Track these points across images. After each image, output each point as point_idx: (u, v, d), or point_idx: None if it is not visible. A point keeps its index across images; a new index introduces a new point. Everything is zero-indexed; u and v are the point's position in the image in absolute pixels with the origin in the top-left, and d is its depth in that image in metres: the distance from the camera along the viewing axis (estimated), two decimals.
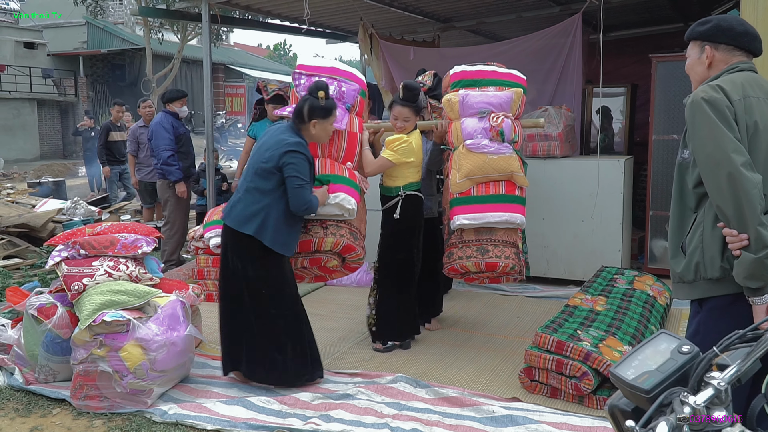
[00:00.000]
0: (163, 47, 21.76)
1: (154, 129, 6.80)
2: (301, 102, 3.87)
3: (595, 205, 5.78)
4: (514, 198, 4.28)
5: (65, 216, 7.79)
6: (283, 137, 3.78)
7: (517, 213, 4.26)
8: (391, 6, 7.60)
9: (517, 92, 4.33)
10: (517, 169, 4.25)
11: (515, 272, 4.30)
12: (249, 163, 3.86)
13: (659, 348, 1.45)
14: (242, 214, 3.71)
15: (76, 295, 3.73)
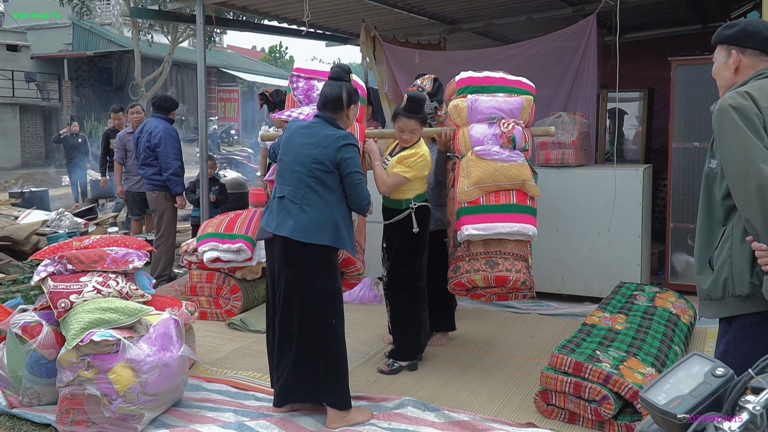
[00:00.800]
0: (153, 49, 21.85)
1: (163, 137, 6.81)
2: (334, 89, 3.70)
3: (612, 216, 5.78)
4: (526, 208, 4.29)
5: (50, 228, 7.79)
6: (327, 132, 3.62)
7: (530, 224, 4.26)
8: (395, 7, 7.63)
9: (528, 99, 4.36)
10: (529, 178, 4.26)
11: (525, 288, 4.29)
12: (285, 166, 3.66)
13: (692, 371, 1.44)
14: (310, 224, 3.50)
15: (63, 312, 3.72)
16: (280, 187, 3.66)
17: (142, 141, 6.93)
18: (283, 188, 3.62)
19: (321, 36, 9.48)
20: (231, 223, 5.79)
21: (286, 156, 3.67)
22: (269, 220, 3.62)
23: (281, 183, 3.66)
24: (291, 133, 3.73)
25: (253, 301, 5.89)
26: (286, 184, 3.62)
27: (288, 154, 3.66)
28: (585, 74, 6.86)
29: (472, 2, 7.57)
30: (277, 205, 3.62)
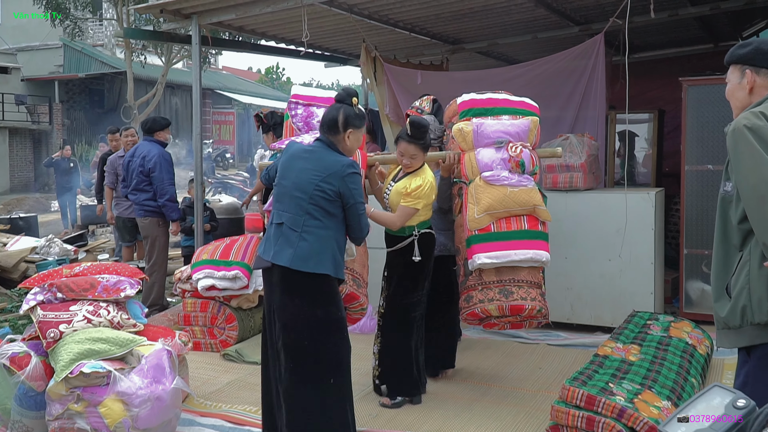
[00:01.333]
0: (146, 71, 22.02)
1: (158, 161, 6.80)
2: (332, 111, 3.70)
3: (623, 242, 5.77)
4: (538, 234, 4.30)
5: (39, 255, 7.79)
6: (331, 158, 3.59)
7: (543, 250, 4.29)
8: (396, 27, 7.70)
9: (534, 121, 4.39)
10: (540, 203, 4.29)
11: (541, 315, 4.31)
12: (284, 191, 3.61)
13: (712, 403, 1.44)
14: (311, 252, 3.46)
15: (52, 343, 3.70)
16: (278, 213, 3.61)
17: (134, 165, 6.91)
18: (281, 214, 3.58)
19: (320, 57, 9.56)
20: (227, 250, 5.78)
21: (285, 180, 3.63)
22: (266, 247, 3.58)
23: (279, 208, 3.61)
24: (290, 156, 3.69)
25: (250, 330, 5.86)
26: (285, 210, 3.57)
27: (287, 179, 3.62)
28: (593, 95, 6.90)
29: (475, 22, 7.64)
30: (274, 232, 3.57)
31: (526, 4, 6.84)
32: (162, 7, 7.03)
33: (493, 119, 4.41)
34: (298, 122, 4.57)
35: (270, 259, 3.53)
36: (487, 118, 4.41)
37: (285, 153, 3.76)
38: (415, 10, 7.12)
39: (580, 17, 7.57)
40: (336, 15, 7.07)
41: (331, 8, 6.73)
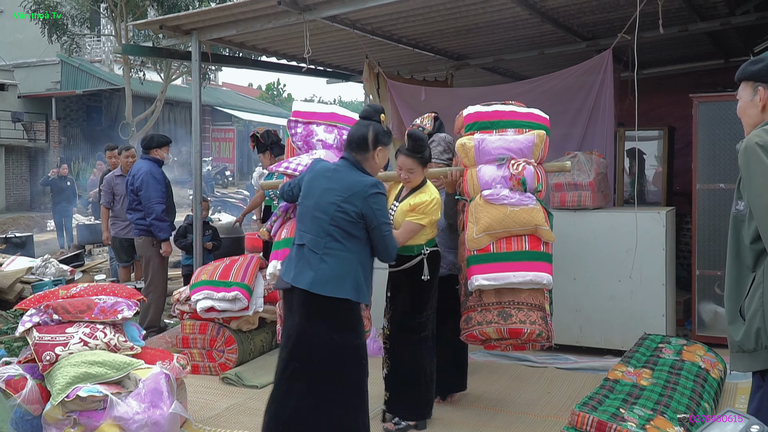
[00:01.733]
0: (145, 87, 22.15)
1: (145, 179, 6.81)
2: (360, 128, 3.71)
3: (633, 262, 5.76)
4: (540, 255, 4.26)
5: (34, 276, 7.80)
6: (353, 178, 3.60)
7: (544, 272, 4.24)
8: (400, 42, 7.76)
9: (540, 135, 4.34)
10: (542, 222, 4.24)
11: (542, 338, 4.27)
12: (306, 211, 3.63)
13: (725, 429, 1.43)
14: (331, 275, 3.46)
15: (48, 366, 3.71)
16: (300, 233, 3.63)
17: (128, 184, 7.05)
18: (303, 235, 3.59)
19: (322, 73, 9.61)
20: (226, 270, 5.79)
21: (308, 200, 3.64)
22: (287, 269, 3.60)
23: (301, 229, 3.63)
24: (314, 175, 3.71)
25: (249, 353, 5.85)
26: (306, 231, 3.58)
27: (309, 198, 3.63)
28: (601, 112, 6.93)
29: (480, 37, 7.69)
30: (296, 254, 3.59)
31: (533, 20, 6.89)
32: (161, 22, 7.11)
33: (497, 134, 4.40)
34: (298, 141, 4.58)
35: (290, 280, 3.54)
36: (491, 133, 4.40)
37: (310, 171, 3.80)
38: (419, 25, 7.18)
39: (587, 33, 7.62)
40: (338, 31, 7.13)
41: (333, 24, 6.78)
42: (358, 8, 6.20)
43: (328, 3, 6.26)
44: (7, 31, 25.64)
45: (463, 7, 6.51)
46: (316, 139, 4.52)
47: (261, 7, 6.47)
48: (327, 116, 4.64)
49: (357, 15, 6.71)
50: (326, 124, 4.55)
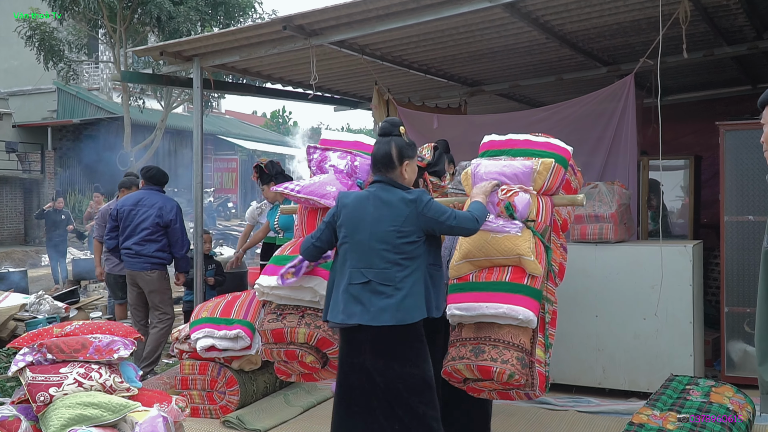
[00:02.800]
0: (144, 116, 22.37)
1: (178, 213, 7.01)
2: (382, 146, 3.77)
3: (659, 299, 5.74)
4: (520, 287, 4.03)
5: (28, 313, 7.84)
6: (398, 196, 3.65)
7: (521, 306, 3.96)
8: (410, 68, 7.85)
9: (545, 163, 4.24)
10: (526, 252, 4.04)
11: (516, 382, 3.96)
12: (359, 247, 3.66)
13: None
14: (408, 304, 3.54)
15: (42, 407, 3.73)
16: (358, 271, 3.62)
17: (143, 215, 6.93)
18: (365, 272, 3.60)
19: (329, 100, 9.72)
20: (228, 307, 5.78)
21: (359, 234, 3.66)
22: (347, 308, 3.59)
23: (359, 266, 3.63)
24: (352, 208, 3.74)
25: (252, 395, 5.84)
26: (369, 267, 3.60)
27: (360, 232, 3.65)
28: (623, 140, 6.94)
29: (495, 62, 7.77)
30: (358, 292, 3.59)
31: (550, 44, 6.97)
32: (162, 48, 7.22)
33: (490, 160, 4.38)
34: (312, 166, 4.78)
35: (359, 321, 3.55)
36: (485, 159, 4.39)
37: (342, 207, 3.81)
38: (430, 50, 7.26)
39: (608, 57, 7.69)
40: (346, 56, 7.23)
41: (341, 49, 6.88)
42: (367, 33, 6.28)
43: (336, 27, 6.35)
44: (2, 58, 26.03)
45: (477, 31, 6.59)
46: (328, 165, 4.68)
47: (265, 32, 6.57)
48: (350, 144, 4.78)
49: (366, 40, 6.80)
50: (342, 151, 4.66)
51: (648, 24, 6.36)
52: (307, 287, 4.22)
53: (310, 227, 4.61)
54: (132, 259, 6.96)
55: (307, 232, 4.65)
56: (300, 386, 6.19)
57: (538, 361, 4.07)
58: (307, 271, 4.21)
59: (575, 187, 4.82)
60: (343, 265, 3.70)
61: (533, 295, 4.02)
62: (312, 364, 4.28)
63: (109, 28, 18.41)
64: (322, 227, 3.90)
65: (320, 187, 4.52)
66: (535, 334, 4.10)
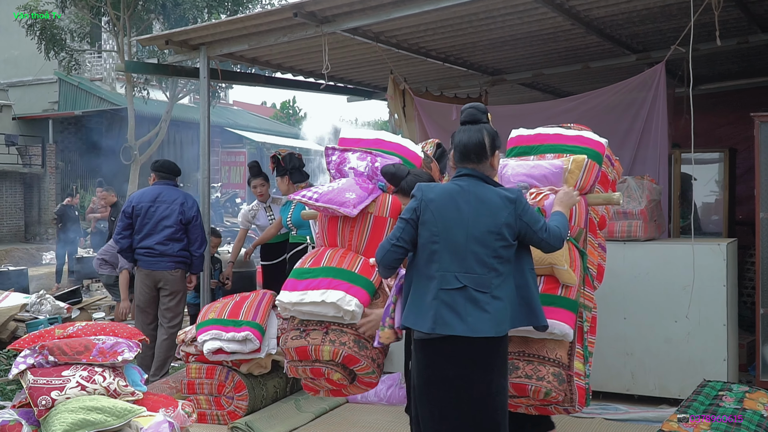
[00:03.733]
0: (149, 107, 22.46)
1: (198, 210, 6.97)
2: (472, 134, 3.53)
3: (690, 300, 5.71)
4: (554, 299, 3.98)
5: (29, 313, 7.91)
6: (495, 195, 3.48)
7: (556, 319, 3.90)
8: (428, 56, 7.84)
9: (577, 160, 4.20)
10: (559, 261, 3.97)
11: (554, 399, 3.94)
12: (454, 248, 3.44)
13: None
14: (506, 312, 3.43)
15: (44, 411, 3.77)
16: (452, 275, 3.42)
17: (159, 212, 6.87)
18: (461, 277, 3.41)
19: (342, 90, 9.72)
20: (236, 308, 5.81)
21: (454, 234, 3.44)
22: (439, 315, 3.40)
23: (453, 270, 3.43)
24: (443, 204, 3.49)
25: (261, 400, 5.87)
26: (465, 271, 3.41)
27: (455, 232, 3.44)
28: (653, 132, 6.91)
29: (518, 50, 7.75)
30: (452, 300, 3.40)
31: (576, 30, 6.94)
32: (168, 37, 7.25)
33: (520, 160, 4.36)
34: (332, 169, 4.74)
35: (454, 331, 3.38)
36: (511, 160, 4.38)
37: (427, 201, 3.51)
38: (449, 37, 7.25)
39: (637, 44, 7.65)
40: (360, 44, 7.22)
41: (354, 37, 6.88)
42: (382, 20, 6.27)
43: (349, 14, 6.35)
44: (1, 48, 26.14)
45: (498, 17, 6.57)
46: (348, 167, 4.63)
47: (275, 20, 6.58)
48: (371, 143, 4.77)
49: (380, 27, 6.80)
50: (361, 152, 4.65)
51: (679, 9, 6.33)
52: (329, 303, 4.16)
53: (331, 235, 4.58)
54: (154, 258, 6.86)
55: (328, 240, 4.62)
56: None
57: (577, 374, 4.04)
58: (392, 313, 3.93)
59: (613, 179, 4.77)
60: (428, 267, 3.47)
61: (568, 307, 3.98)
62: (340, 381, 4.26)
63: (113, 16, 18.51)
64: (402, 225, 3.55)
65: (339, 194, 4.45)
66: (572, 346, 4.06)
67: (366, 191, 4.49)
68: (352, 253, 4.51)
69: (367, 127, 28.28)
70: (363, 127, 27.72)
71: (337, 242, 4.55)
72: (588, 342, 4.23)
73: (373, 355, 4.24)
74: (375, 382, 4.40)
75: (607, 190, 4.62)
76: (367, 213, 4.50)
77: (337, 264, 4.38)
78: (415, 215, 3.51)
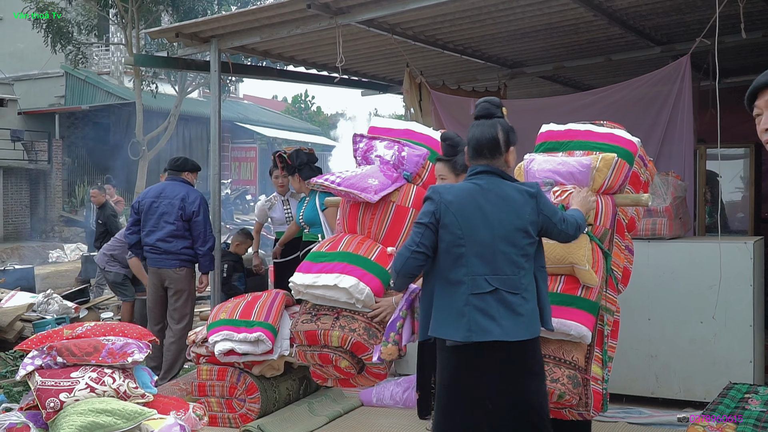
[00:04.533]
0: (157, 101, 22.52)
1: (201, 205, 6.99)
2: (486, 129, 3.44)
3: (717, 301, 5.68)
4: (573, 300, 3.96)
5: (36, 313, 7.95)
6: (516, 191, 3.45)
7: (575, 321, 3.88)
8: (445, 49, 7.83)
9: (606, 158, 4.16)
10: (580, 261, 3.93)
11: (568, 402, 3.91)
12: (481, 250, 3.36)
13: None
14: (536, 312, 3.44)
15: (52, 414, 3.79)
16: (483, 279, 3.35)
17: (161, 208, 6.96)
18: (491, 279, 3.35)
19: (356, 83, 9.72)
20: (248, 308, 5.80)
21: (480, 235, 3.36)
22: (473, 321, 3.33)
23: (480, 271, 3.36)
24: (463, 204, 3.40)
25: (274, 403, 5.87)
26: (495, 273, 3.36)
27: (481, 232, 3.36)
28: (678, 127, 6.87)
29: (538, 42, 7.72)
30: (483, 304, 3.34)
31: (598, 22, 6.91)
32: (178, 30, 7.26)
33: (547, 155, 4.34)
34: (358, 156, 4.83)
35: (490, 337, 3.32)
36: (539, 155, 4.37)
37: (446, 203, 3.41)
38: (467, 29, 7.23)
39: (661, 36, 7.61)
40: (375, 36, 7.22)
41: (369, 29, 6.87)
42: (398, 11, 6.27)
43: (364, 5, 6.34)
44: (7, 41, 26.32)
45: (518, 8, 6.55)
46: (374, 155, 4.71)
47: (288, 11, 6.58)
48: (400, 133, 4.80)
49: (396, 18, 6.79)
50: (390, 140, 4.68)
51: (703, 1, 6.29)
52: (342, 288, 4.23)
53: (351, 222, 4.68)
54: (158, 256, 6.97)
55: (348, 226, 4.70)
56: (325, 394, 6.21)
57: (594, 379, 4.02)
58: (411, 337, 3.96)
59: (645, 180, 4.70)
60: (454, 271, 3.38)
61: (588, 308, 3.96)
62: (347, 369, 4.31)
63: (121, 8, 18.57)
64: (421, 230, 3.41)
65: (362, 179, 4.51)
66: (591, 348, 4.04)
67: (390, 179, 4.54)
68: (370, 241, 4.58)
69: None
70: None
71: (357, 229, 4.64)
72: (608, 346, 4.20)
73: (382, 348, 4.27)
74: (384, 374, 4.47)
75: (638, 191, 4.57)
76: (390, 201, 4.57)
77: (353, 250, 4.46)
78: (434, 219, 3.40)
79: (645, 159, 4.65)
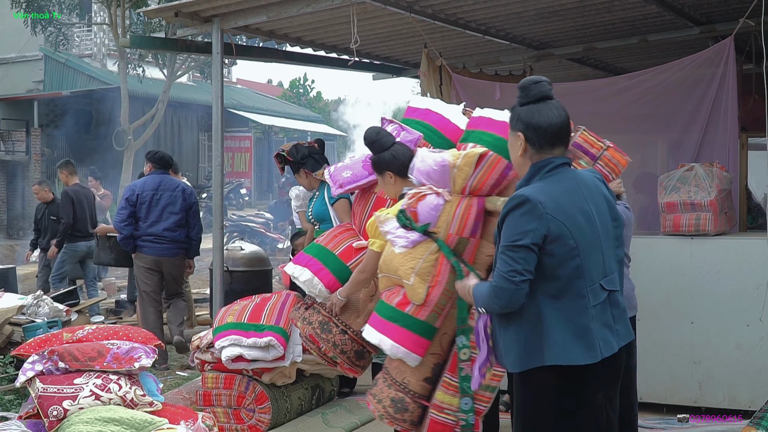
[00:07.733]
0: (144, 86, 22.48)
1: (190, 199, 8.03)
2: (552, 112, 3.23)
3: (765, 302, 5.71)
4: (399, 316, 3.92)
5: (25, 316, 7.96)
6: (586, 175, 3.41)
7: (392, 339, 3.90)
8: (467, 28, 7.82)
9: (469, 155, 3.95)
10: (405, 274, 3.89)
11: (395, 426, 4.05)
12: (592, 249, 3.20)
13: None
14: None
15: (55, 423, 3.84)
16: (596, 287, 3.21)
17: (164, 199, 7.93)
18: (605, 283, 3.24)
19: (369, 66, 9.73)
20: (257, 311, 5.81)
21: (590, 238, 3.21)
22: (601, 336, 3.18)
23: (596, 278, 3.22)
24: (564, 209, 3.18)
25: (285, 413, 5.91)
26: (605, 276, 3.26)
27: (590, 235, 3.22)
28: (722, 114, 6.84)
29: (567, 21, 7.72)
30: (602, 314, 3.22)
31: None
32: (177, 9, 7.25)
33: (433, 151, 4.22)
34: None
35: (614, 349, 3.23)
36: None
37: (551, 214, 3.14)
38: (490, 7, 7.22)
39: (701, 16, 7.61)
40: (392, 15, 7.22)
41: (385, 6, 6.86)
42: None
43: None
44: None
45: None
46: None
47: None
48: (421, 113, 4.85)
49: None
50: (397, 125, 4.79)
51: None
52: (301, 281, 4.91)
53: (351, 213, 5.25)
54: (162, 245, 7.91)
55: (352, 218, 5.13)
56: (340, 405, 6.26)
57: (437, 407, 3.96)
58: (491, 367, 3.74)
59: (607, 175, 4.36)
60: (572, 285, 3.17)
61: (413, 328, 3.88)
62: None
63: None
64: (523, 254, 3.10)
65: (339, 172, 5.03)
66: (439, 372, 4.03)
67: (368, 170, 4.74)
68: (347, 234, 5.00)
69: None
70: None
71: (355, 220, 5.09)
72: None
73: (336, 341, 4.68)
74: (349, 368, 4.80)
75: None
76: (372, 192, 4.89)
77: (325, 243, 4.97)
78: (538, 237, 3.11)
79: (591, 145, 4.35)
